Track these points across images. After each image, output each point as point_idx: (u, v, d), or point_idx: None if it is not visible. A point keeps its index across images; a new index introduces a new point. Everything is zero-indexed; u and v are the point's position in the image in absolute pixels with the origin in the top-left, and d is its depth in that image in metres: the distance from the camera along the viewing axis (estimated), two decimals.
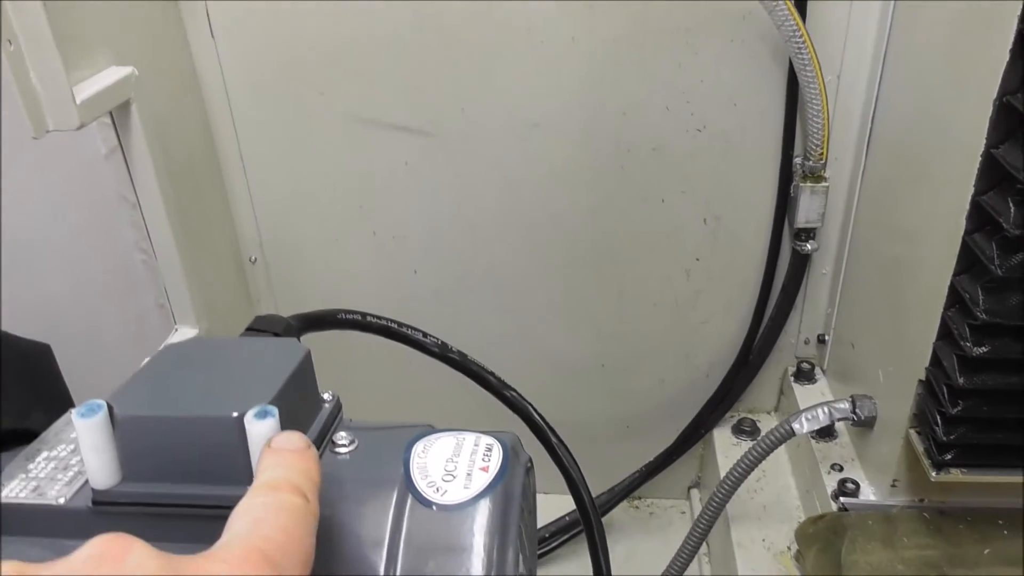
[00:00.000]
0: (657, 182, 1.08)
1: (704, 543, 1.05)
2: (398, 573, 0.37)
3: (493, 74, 1.02)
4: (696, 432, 1.25)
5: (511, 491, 0.41)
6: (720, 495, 1.00)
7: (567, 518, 1.27)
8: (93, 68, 0.82)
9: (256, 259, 1.17)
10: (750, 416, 1.26)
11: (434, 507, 0.39)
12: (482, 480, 0.40)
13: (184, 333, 0.99)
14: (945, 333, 0.78)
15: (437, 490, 0.40)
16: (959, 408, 0.77)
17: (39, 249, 1.21)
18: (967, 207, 0.71)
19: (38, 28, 0.72)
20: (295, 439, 0.36)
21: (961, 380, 0.75)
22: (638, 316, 1.19)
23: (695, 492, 1.37)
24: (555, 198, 1.10)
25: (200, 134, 1.06)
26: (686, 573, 1.07)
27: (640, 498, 1.39)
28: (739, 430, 1.24)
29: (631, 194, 1.09)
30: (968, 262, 0.74)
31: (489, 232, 1.13)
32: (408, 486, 0.40)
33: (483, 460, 0.42)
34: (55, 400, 0.52)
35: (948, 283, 0.75)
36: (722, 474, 1.01)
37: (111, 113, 0.89)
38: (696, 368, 1.24)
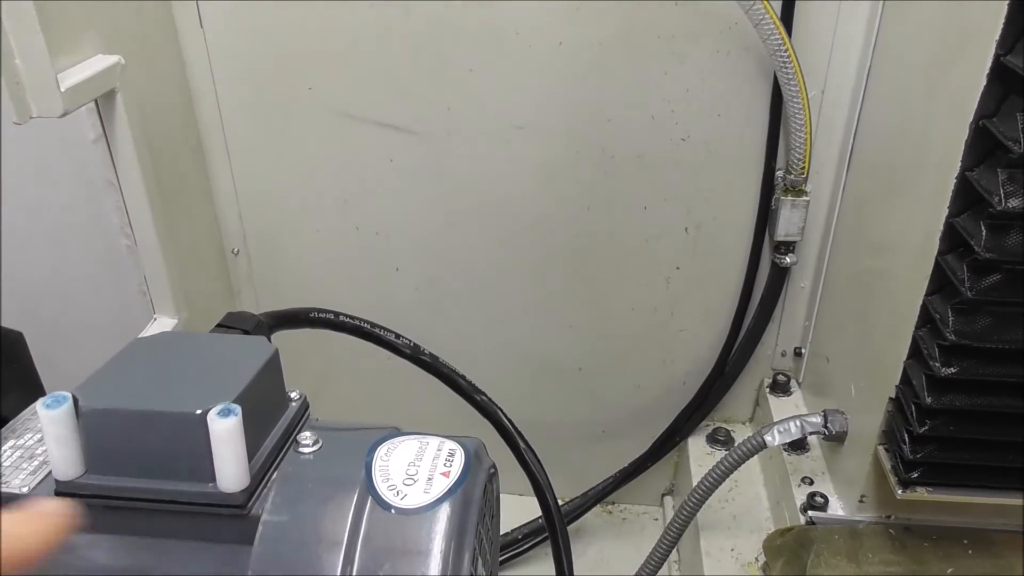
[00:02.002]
0: (640, 189, 1.08)
1: (674, 550, 1.06)
2: (354, 573, 0.38)
3: (480, 75, 1.02)
4: (671, 439, 1.25)
5: (470, 496, 0.41)
6: (691, 503, 1.01)
7: (540, 520, 1.27)
8: (79, 55, 0.82)
9: (238, 251, 1.17)
10: (725, 426, 1.27)
11: (393, 510, 0.39)
12: (442, 485, 0.41)
13: (163, 323, 0.99)
14: (915, 352, 0.79)
15: (397, 493, 0.40)
16: (926, 427, 0.78)
17: (22, 232, 1.21)
18: (941, 228, 0.72)
19: (24, 13, 0.72)
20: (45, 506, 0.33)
21: (929, 399, 0.76)
22: (617, 321, 1.20)
23: (668, 499, 1.38)
24: (538, 201, 1.10)
25: (186, 125, 1.06)
26: None
27: (613, 503, 1.39)
28: (714, 439, 1.25)
29: (613, 200, 1.10)
30: (940, 282, 0.74)
31: (471, 232, 1.13)
32: (369, 488, 0.40)
33: (445, 465, 0.42)
34: (27, 388, 0.52)
35: (920, 303, 0.76)
36: (695, 482, 1.02)
37: (96, 101, 0.89)
38: (673, 376, 1.24)
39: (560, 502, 1.30)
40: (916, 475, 0.81)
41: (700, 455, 1.23)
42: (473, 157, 1.08)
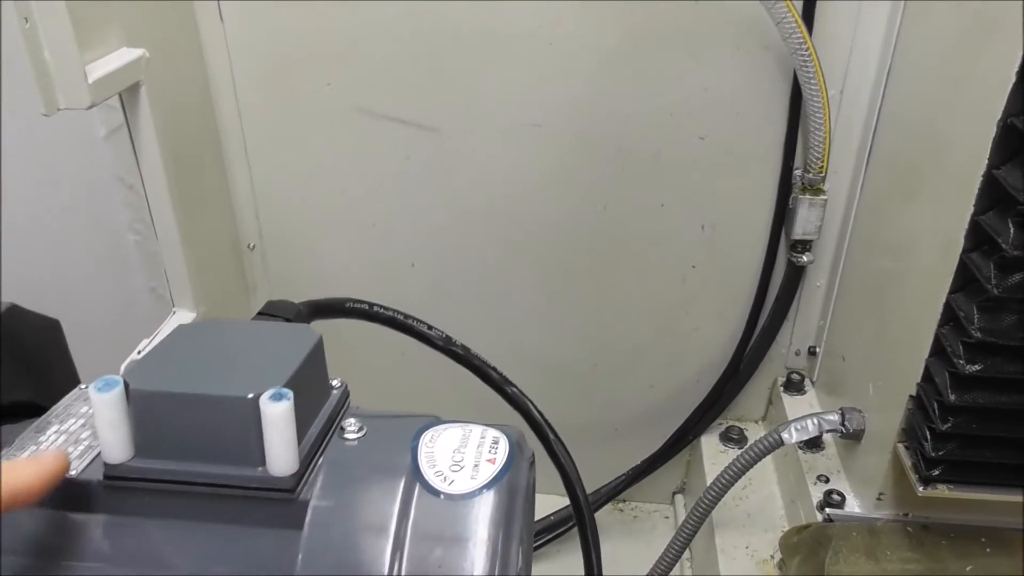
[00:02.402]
0: (656, 187, 1.08)
1: (687, 548, 1.06)
2: (404, 560, 0.38)
3: (499, 72, 1.02)
4: (683, 438, 1.26)
5: (516, 484, 0.41)
6: (707, 501, 1.01)
7: (552, 518, 1.27)
8: (105, 48, 0.83)
9: (254, 246, 1.18)
10: (738, 424, 1.27)
11: (441, 496, 0.39)
12: (489, 472, 0.41)
13: (182, 316, 0.99)
14: (938, 350, 0.79)
15: (444, 479, 0.40)
16: (949, 424, 0.78)
17: (24, 230, 1.21)
18: (966, 226, 0.72)
19: (54, 7, 0.73)
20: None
21: (952, 397, 0.76)
22: (631, 320, 1.20)
23: (679, 498, 1.38)
24: (554, 199, 1.10)
25: (205, 119, 1.06)
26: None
27: (625, 501, 1.39)
28: (727, 438, 1.25)
29: (630, 198, 1.10)
30: (964, 280, 0.75)
31: (486, 229, 1.14)
32: (416, 474, 0.40)
33: (490, 452, 0.42)
34: (64, 375, 0.53)
35: (943, 300, 0.76)
36: (708, 480, 1.02)
37: (120, 94, 0.89)
38: (686, 374, 1.25)
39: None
40: (937, 472, 0.81)
41: (713, 453, 1.23)
42: (490, 154, 1.08)
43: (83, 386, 0.49)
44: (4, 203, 1.17)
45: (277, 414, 0.37)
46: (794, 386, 1.20)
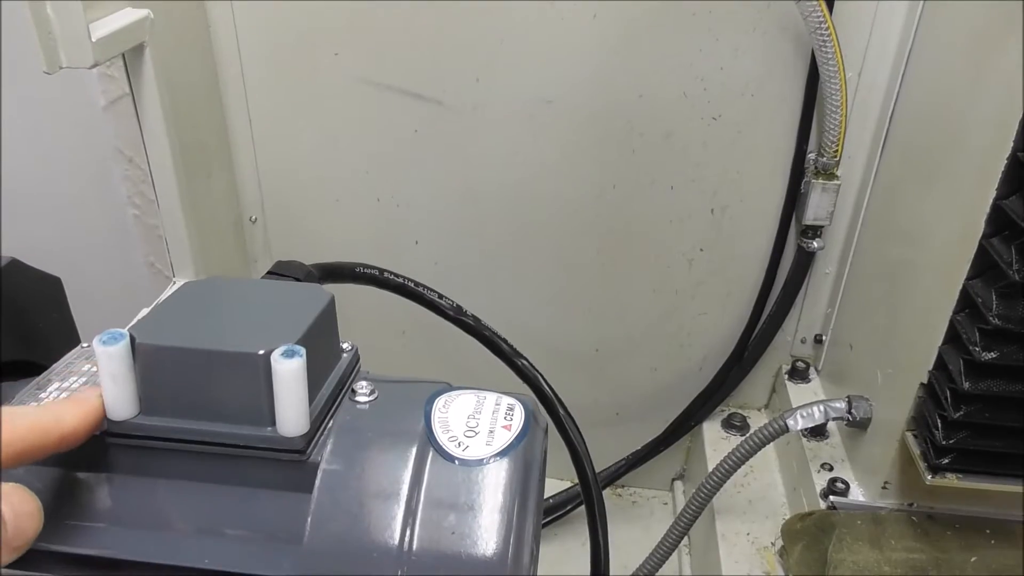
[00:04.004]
0: (667, 168, 1.07)
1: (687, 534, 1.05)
2: (417, 526, 0.36)
3: (510, 46, 1.00)
4: (685, 424, 1.25)
5: (532, 452, 0.40)
6: (709, 486, 1.00)
7: (550, 500, 1.26)
8: (108, 8, 0.81)
9: (256, 219, 1.16)
10: (740, 411, 1.26)
11: (456, 462, 0.38)
12: (504, 438, 0.40)
13: None
14: (952, 337, 0.78)
15: (459, 445, 0.39)
16: (961, 413, 0.77)
17: (24, 203, 1.20)
18: (987, 210, 0.71)
19: None
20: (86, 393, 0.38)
21: (966, 384, 0.75)
22: (636, 302, 1.19)
23: (679, 484, 1.37)
24: (562, 177, 1.09)
25: (208, 87, 1.04)
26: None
27: (623, 486, 1.38)
28: (729, 424, 1.24)
29: (640, 178, 1.08)
30: (983, 266, 0.73)
31: (493, 206, 1.12)
32: (429, 439, 0.39)
33: (505, 419, 0.41)
34: (64, 334, 0.51)
35: (960, 286, 0.75)
36: (710, 467, 1.01)
37: (124, 56, 0.87)
38: (690, 359, 1.23)
39: (570, 484, 1.29)
40: (946, 461, 0.80)
41: (715, 439, 1.22)
42: (499, 130, 1.06)
43: (85, 344, 0.47)
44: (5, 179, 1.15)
45: (289, 371, 0.36)
46: (799, 374, 1.19)
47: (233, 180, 1.13)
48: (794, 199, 1.05)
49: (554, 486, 1.29)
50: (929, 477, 0.82)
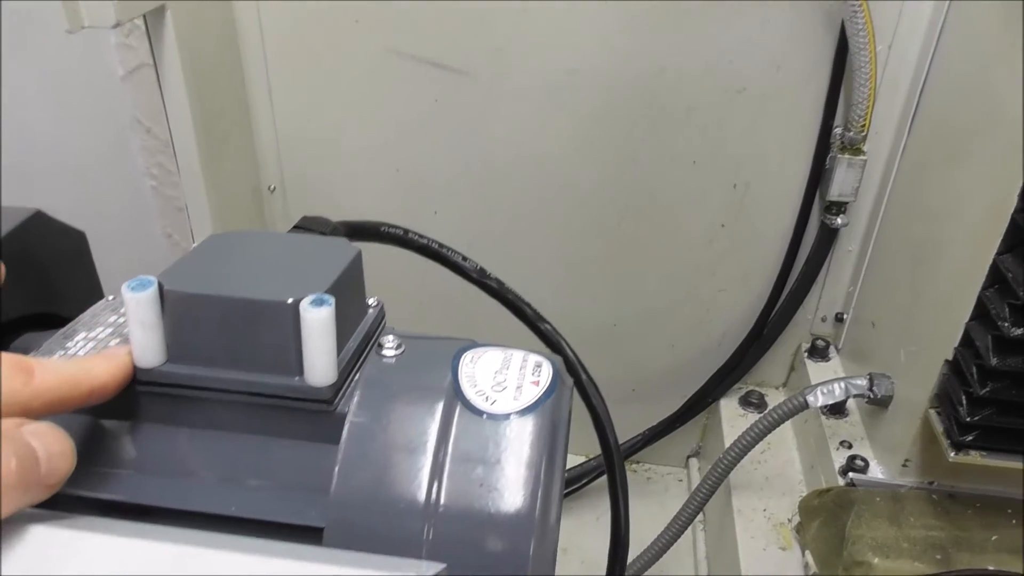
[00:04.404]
0: (689, 143, 1.06)
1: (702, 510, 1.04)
2: (445, 479, 0.36)
3: (533, 15, 0.99)
4: (702, 401, 1.24)
5: (560, 410, 0.40)
6: (726, 461, 0.99)
7: (566, 473, 1.26)
8: None
9: (275, 188, 1.16)
10: (758, 389, 1.25)
11: (484, 416, 0.38)
12: (532, 393, 0.39)
13: None
14: (980, 313, 0.77)
15: (487, 399, 0.38)
16: (987, 389, 0.76)
17: (41, 173, 1.19)
18: (1020, 185, 0.70)
19: None
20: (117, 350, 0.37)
21: (994, 360, 0.74)
22: (656, 278, 1.18)
23: (694, 461, 1.37)
24: (584, 150, 1.08)
25: (228, 52, 1.04)
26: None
27: (638, 462, 1.38)
28: (746, 402, 1.23)
29: (662, 153, 1.07)
30: (1014, 241, 0.72)
31: (512, 179, 1.11)
32: (457, 393, 0.39)
33: (533, 375, 0.40)
34: (88, 287, 0.51)
35: (990, 262, 0.74)
36: (727, 443, 1.01)
37: (145, 19, 0.87)
38: (708, 336, 1.23)
39: (585, 459, 1.29)
40: (970, 438, 0.80)
41: (732, 416, 1.22)
42: (520, 101, 1.05)
43: (110, 297, 0.47)
44: (17, 146, 1.15)
45: (318, 320, 0.35)
46: (818, 352, 1.18)
47: (252, 149, 1.12)
48: (818, 175, 1.04)
49: (569, 461, 1.28)
50: (952, 454, 0.81)
